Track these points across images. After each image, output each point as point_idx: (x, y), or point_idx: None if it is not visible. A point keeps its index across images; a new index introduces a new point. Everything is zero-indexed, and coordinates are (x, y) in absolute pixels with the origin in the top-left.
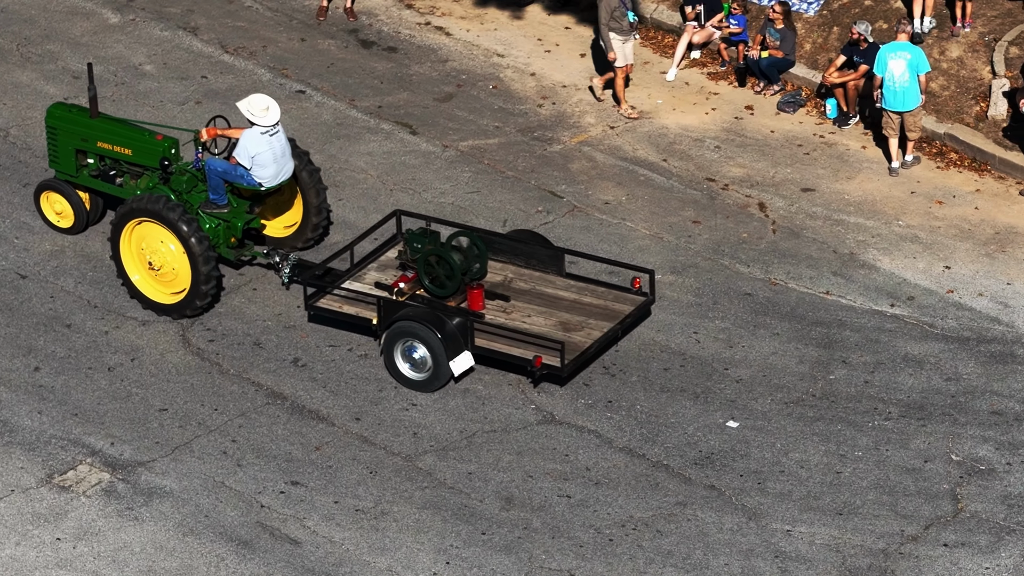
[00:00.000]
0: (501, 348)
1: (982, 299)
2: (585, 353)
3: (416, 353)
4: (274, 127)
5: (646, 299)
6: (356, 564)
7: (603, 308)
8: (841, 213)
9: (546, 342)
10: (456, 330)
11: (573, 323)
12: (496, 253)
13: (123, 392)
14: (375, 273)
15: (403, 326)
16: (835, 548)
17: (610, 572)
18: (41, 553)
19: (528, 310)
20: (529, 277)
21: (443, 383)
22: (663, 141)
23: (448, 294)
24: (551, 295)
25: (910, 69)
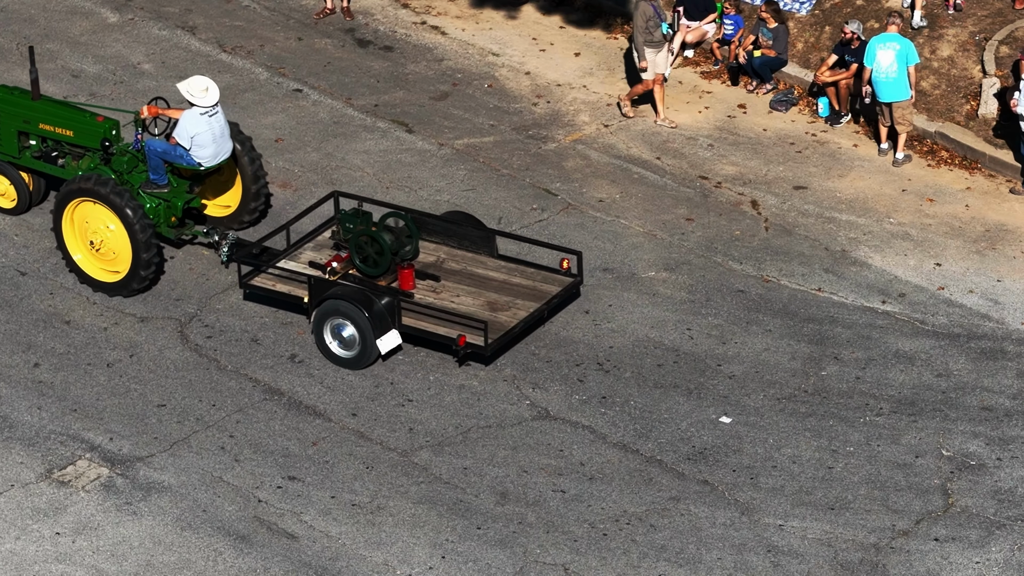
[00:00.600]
0: (427, 327)
1: (972, 296)
2: (510, 333)
3: (345, 331)
4: (213, 108)
5: (574, 280)
6: (352, 558)
7: (531, 289)
8: (833, 211)
9: (471, 322)
10: (384, 309)
11: (500, 303)
12: (430, 234)
13: (122, 388)
14: (311, 253)
15: (332, 305)
16: (827, 542)
17: (604, 566)
18: (40, 547)
19: (458, 290)
20: (461, 258)
21: (371, 361)
22: (656, 139)
23: (379, 274)
24: (481, 276)
25: (899, 60)
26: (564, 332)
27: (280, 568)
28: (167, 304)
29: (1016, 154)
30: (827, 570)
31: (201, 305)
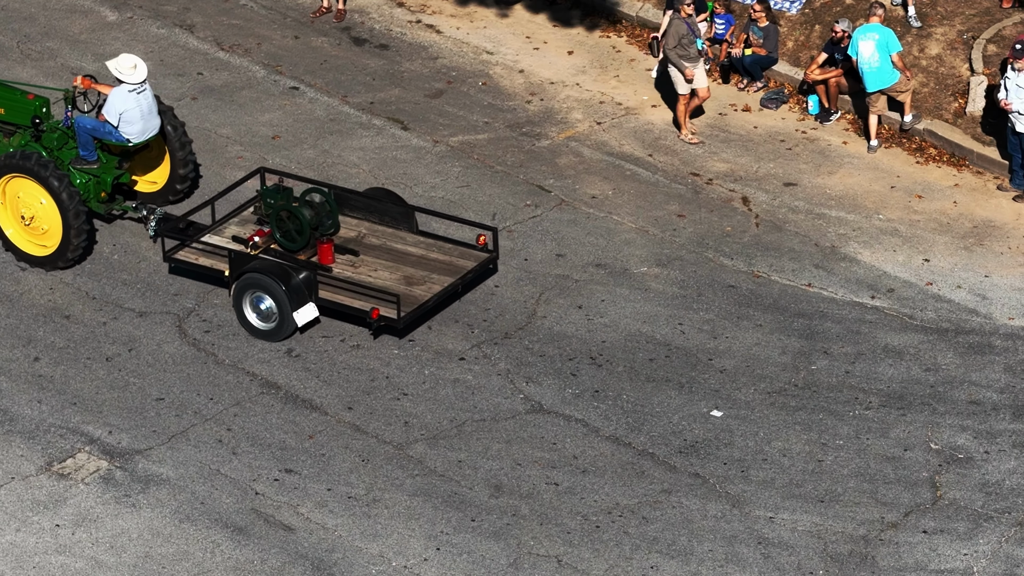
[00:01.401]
0: (343, 300)
1: (960, 291)
2: (423, 306)
3: (263, 304)
4: (141, 85)
5: (489, 255)
6: (348, 550)
7: (447, 264)
8: (823, 207)
9: (384, 295)
10: (301, 283)
11: (416, 277)
12: (352, 210)
13: (121, 382)
14: (235, 227)
15: (251, 278)
16: (817, 535)
17: (597, 558)
18: (40, 539)
19: (376, 264)
20: (382, 233)
21: (288, 333)
22: (648, 136)
23: (299, 248)
24: (400, 251)
25: (879, 49)
26: (557, 327)
27: (277, 560)
28: (165, 299)
29: (1003, 151)
30: (817, 562)
31: (199, 300)
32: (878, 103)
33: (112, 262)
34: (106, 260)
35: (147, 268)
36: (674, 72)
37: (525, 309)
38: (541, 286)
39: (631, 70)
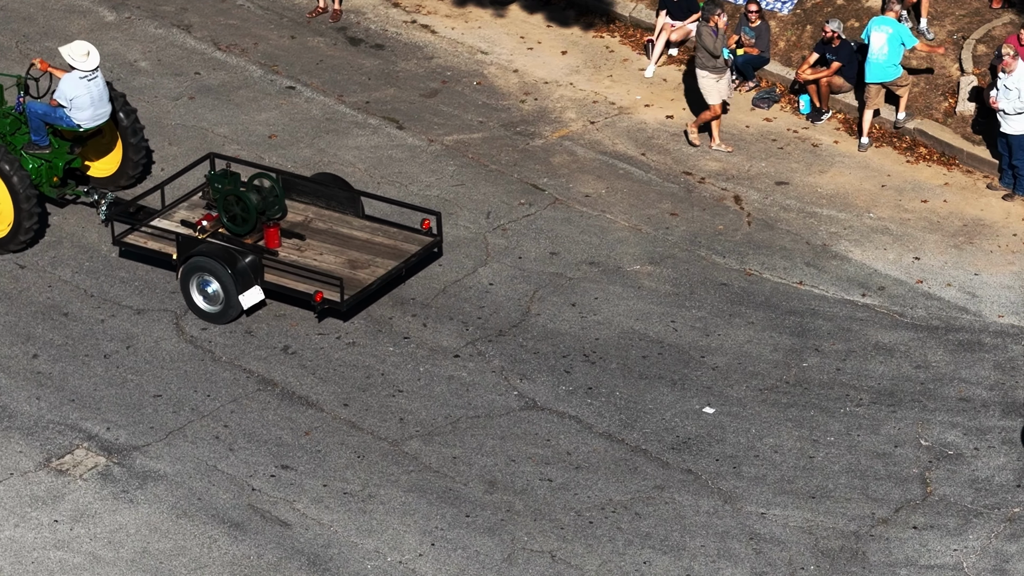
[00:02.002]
0: (288, 283)
1: (950, 289)
2: (366, 289)
3: (209, 287)
4: (93, 72)
5: (433, 239)
6: (344, 545)
7: (392, 248)
8: (814, 206)
9: (328, 278)
10: (247, 266)
11: (361, 261)
12: (299, 195)
13: (119, 378)
14: (184, 212)
15: (197, 261)
16: (808, 530)
17: (590, 553)
18: (39, 534)
19: (322, 248)
20: (328, 218)
21: (235, 316)
22: (641, 136)
23: (245, 232)
24: (346, 235)
25: (890, 43)
26: (551, 324)
27: (273, 555)
28: (163, 296)
29: (993, 150)
30: (808, 557)
31: None
32: (877, 97)
33: (110, 260)
34: (104, 258)
35: (144, 266)
36: (705, 83)
37: (519, 307)
38: (535, 284)
39: (624, 70)
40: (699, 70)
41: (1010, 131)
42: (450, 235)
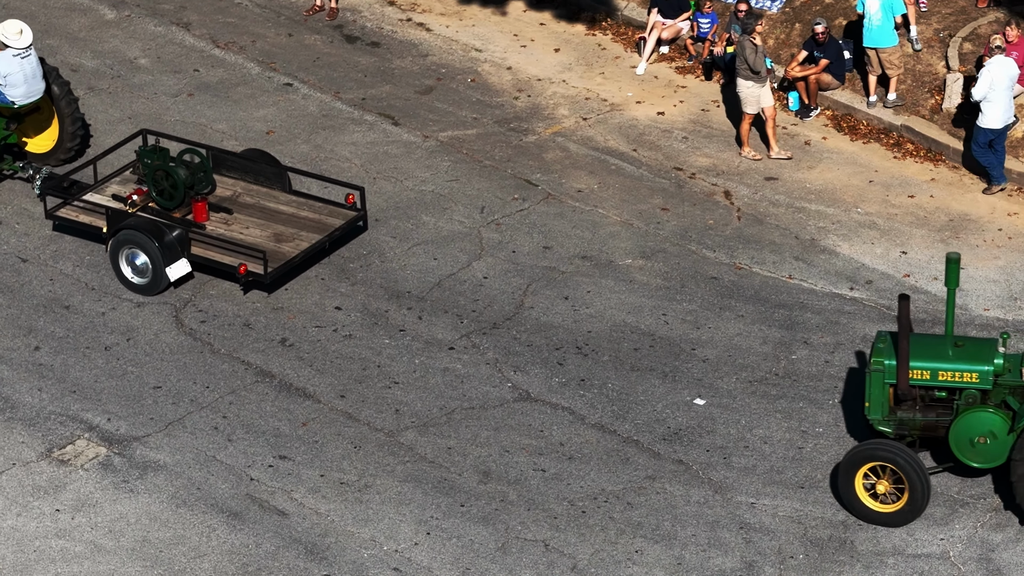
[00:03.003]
0: (214, 256)
1: (937, 283)
2: (290, 262)
3: (138, 260)
4: (26, 50)
5: (358, 214)
6: (341, 534)
7: (316, 222)
8: (803, 201)
9: (251, 251)
10: (174, 239)
11: (286, 235)
12: (229, 170)
13: (119, 370)
14: (117, 187)
15: (126, 235)
16: (797, 520)
17: (582, 542)
18: (41, 524)
19: (248, 222)
20: (256, 192)
21: (162, 288)
22: (633, 132)
23: (174, 206)
24: (272, 209)
25: (883, 9)
26: (544, 317)
27: (271, 544)
28: None
29: None
30: (797, 546)
31: (195, 291)
32: (874, 63)
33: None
34: (104, 252)
35: None
36: (746, 92)
37: (513, 300)
38: (528, 278)
39: (616, 67)
40: (740, 80)
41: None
42: (445, 229)
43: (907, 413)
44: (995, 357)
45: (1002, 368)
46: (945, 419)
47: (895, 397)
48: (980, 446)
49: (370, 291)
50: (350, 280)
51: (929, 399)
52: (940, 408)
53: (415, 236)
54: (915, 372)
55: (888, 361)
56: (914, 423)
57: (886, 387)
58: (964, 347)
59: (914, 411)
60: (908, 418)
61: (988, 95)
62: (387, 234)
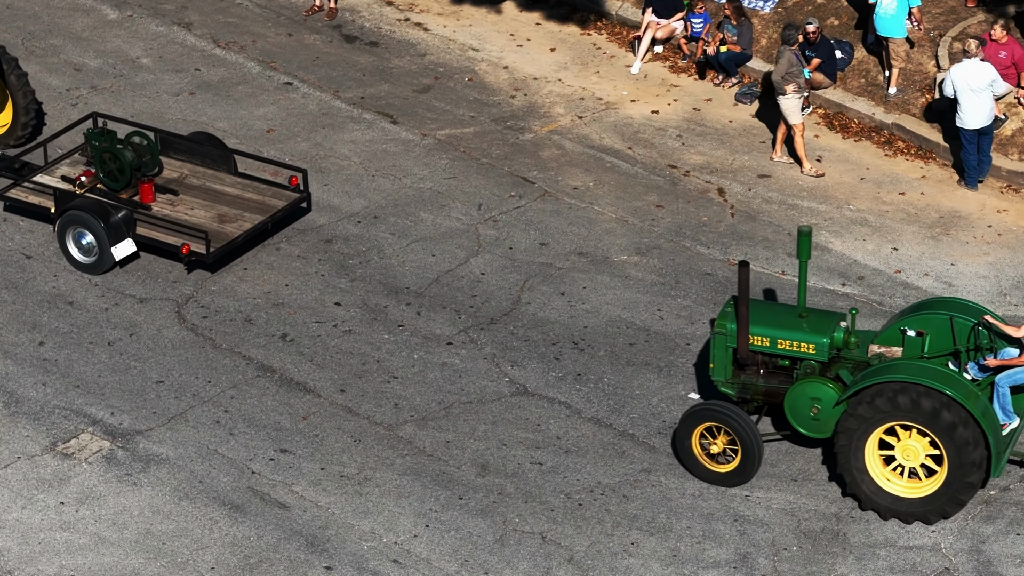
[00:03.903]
0: (158, 236)
1: (928, 279)
2: (232, 242)
3: (84, 239)
4: None
5: (300, 195)
6: (341, 527)
7: (260, 203)
8: (795, 198)
9: (194, 232)
10: (119, 220)
11: (230, 216)
12: (177, 153)
13: (122, 365)
14: (67, 168)
15: (73, 215)
16: (790, 512)
17: (579, 534)
18: (46, 516)
19: (193, 203)
20: (203, 174)
21: (108, 267)
22: (628, 130)
23: (121, 187)
24: (218, 190)
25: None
26: (541, 313)
27: (273, 536)
28: (165, 286)
29: None
30: (791, 538)
31: (197, 287)
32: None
33: None
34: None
35: (146, 256)
36: (787, 105)
37: (510, 296)
38: (525, 274)
39: (611, 66)
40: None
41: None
42: (443, 226)
43: (750, 378)
44: (835, 331)
45: (841, 342)
46: (786, 386)
47: (736, 361)
48: (813, 416)
49: (369, 287)
50: (349, 276)
51: (773, 366)
52: (782, 376)
53: (413, 233)
54: (755, 338)
55: (731, 325)
56: (756, 388)
57: (729, 351)
58: (807, 319)
59: (757, 376)
60: (751, 383)
61: (958, 97)
62: (386, 231)
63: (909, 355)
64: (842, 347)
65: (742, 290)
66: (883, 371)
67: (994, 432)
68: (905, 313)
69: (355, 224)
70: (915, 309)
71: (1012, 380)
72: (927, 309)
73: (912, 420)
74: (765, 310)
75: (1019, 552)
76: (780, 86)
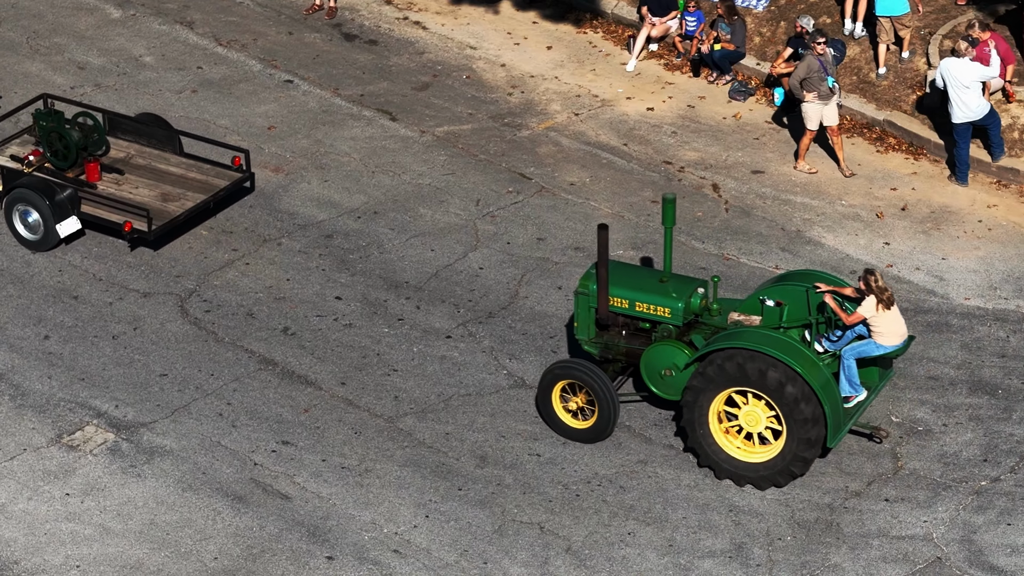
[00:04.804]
0: (102, 214)
1: (919, 273)
2: (174, 220)
3: (30, 217)
4: None
5: (243, 175)
6: (342, 517)
7: (203, 182)
8: (788, 193)
9: (137, 210)
10: (65, 198)
11: (173, 194)
12: (124, 133)
13: (126, 359)
14: (16, 147)
15: (19, 193)
16: (784, 503)
17: (577, 524)
18: (51, 507)
19: (138, 183)
20: (149, 155)
21: (54, 244)
22: (623, 127)
23: (68, 166)
24: (163, 170)
25: None
26: (539, 307)
27: (275, 526)
28: (168, 280)
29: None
30: (785, 528)
31: (200, 281)
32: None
33: (118, 246)
34: (112, 244)
35: (150, 252)
36: (804, 108)
37: (508, 290)
38: (523, 268)
39: (607, 64)
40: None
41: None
42: (441, 222)
43: (612, 338)
44: (692, 297)
45: (698, 307)
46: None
47: (598, 322)
48: (666, 378)
49: (369, 281)
50: (350, 271)
51: (635, 328)
52: (643, 338)
53: (413, 228)
54: (615, 300)
55: (593, 286)
56: (618, 348)
57: (591, 311)
58: (667, 283)
59: (619, 337)
60: (612, 343)
61: (948, 91)
62: (385, 226)
63: (767, 324)
64: (699, 312)
65: (601, 253)
66: (728, 337)
67: (832, 404)
68: (767, 284)
69: (355, 220)
70: (777, 280)
71: (857, 353)
72: (787, 280)
73: (751, 387)
74: (628, 273)
75: (1009, 541)
76: (797, 91)
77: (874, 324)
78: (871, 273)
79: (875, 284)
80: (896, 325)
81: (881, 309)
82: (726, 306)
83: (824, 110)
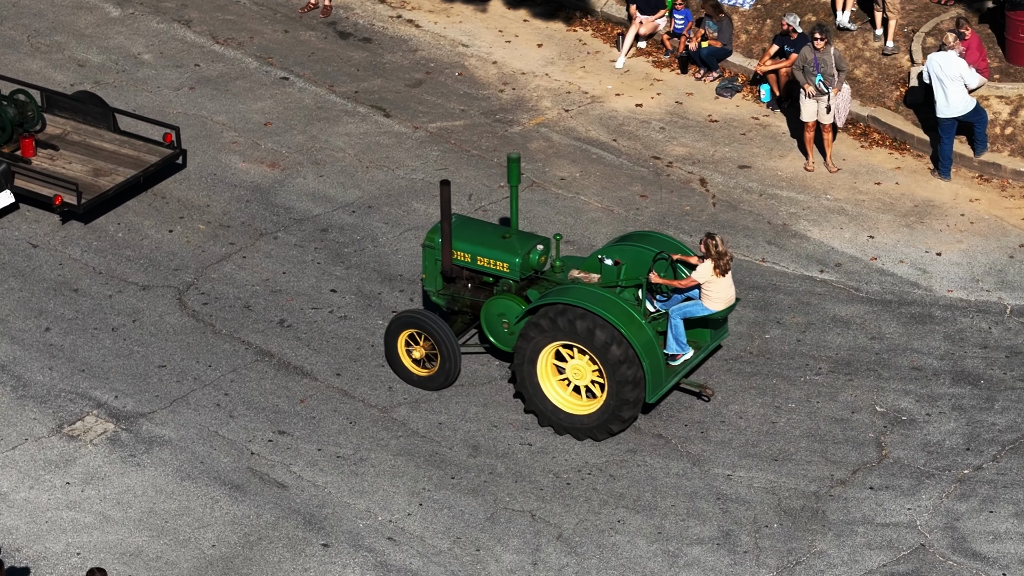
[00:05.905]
0: (34, 188)
1: (903, 265)
2: (104, 195)
3: None
4: None
5: (173, 152)
6: (338, 505)
7: (134, 158)
8: (774, 188)
9: (67, 184)
10: None
11: (104, 170)
12: (61, 110)
13: (126, 350)
14: None
15: None
16: (771, 491)
17: (568, 512)
18: (52, 496)
19: (72, 158)
20: (84, 131)
21: None
22: (613, 123)
23: (3, 142)
24: (97, 146)
25: None
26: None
27: (271, 514)
28: (166, 274)
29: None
30: (771, 516)
31: (198, 275)
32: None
33: (117, 239)
34: (111, 237)
35: (149, 245)
36: (801, 100)
37: None
38: None
39: (596, 61)
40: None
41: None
42: (435, 216)
43: (458, 291)
44: (531, 253)
45: (536, 263)
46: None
47: (443, 274)
48: (503, 330)
49: (364, 274)
50: (345, 264)
51: (480, 281)
52: (487, 291)
53: (406, 222)
54: (458, 254)
55: (438, 239)
56: (463, 300)
57: (437, 264)
58: (509, 239)
59: (465, 290)
60: (458, 295)
61: (933, 85)
62: (380, 220)
63: (605, 282)
64: (540, 269)
65: (444, 207)
66: (559, 292)
67: (652, 363)
68: (610, 243)
69: (350, 214)
70: (618, 240)
71: (683, 313)
72: (628, 241)
73: (578, 342)
74: (474, 228)
75: (992, 529)
76: (800, 79)
77: (706, 288)
78: (711, 237)
79: (715, 249)
80: (726, 291)
81: (716, 275)
82: (569, 264)
83: (819, 107)
